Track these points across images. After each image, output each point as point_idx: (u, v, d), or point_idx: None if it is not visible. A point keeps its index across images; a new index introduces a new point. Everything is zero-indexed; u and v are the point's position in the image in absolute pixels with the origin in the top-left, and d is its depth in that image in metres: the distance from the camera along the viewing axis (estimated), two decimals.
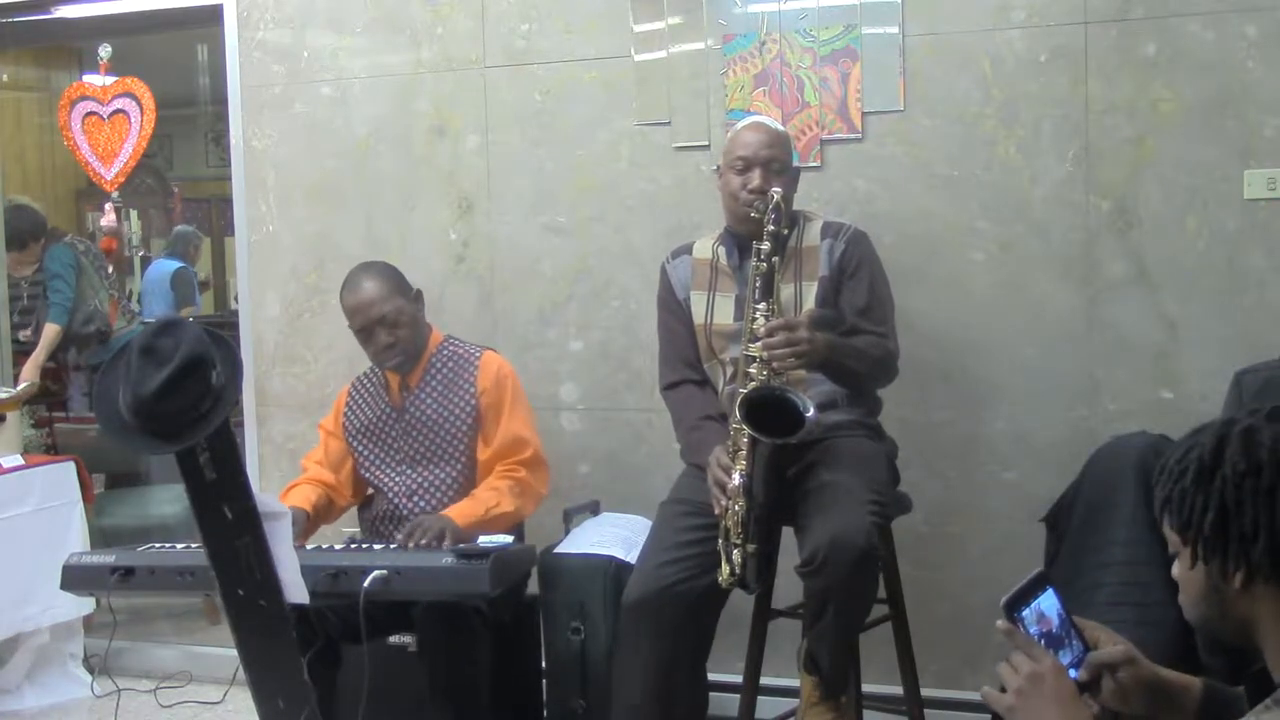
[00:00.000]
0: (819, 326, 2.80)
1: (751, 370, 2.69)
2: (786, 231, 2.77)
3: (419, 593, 2.76)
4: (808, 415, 2.56)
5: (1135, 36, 3.10)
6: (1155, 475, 1.52)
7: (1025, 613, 1.63)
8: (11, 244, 5.19)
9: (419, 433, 3.16)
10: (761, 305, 2.71)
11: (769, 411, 2.59)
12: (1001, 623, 1.61)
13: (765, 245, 2.72)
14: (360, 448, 3.22)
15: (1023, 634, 1.59)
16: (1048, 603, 1.65)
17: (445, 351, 3.23)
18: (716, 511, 2.65)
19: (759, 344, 2.66)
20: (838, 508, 2.57)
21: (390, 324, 3.12)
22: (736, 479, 2.62)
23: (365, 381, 3.29)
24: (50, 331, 5.16)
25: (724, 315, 2.89)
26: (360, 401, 3.26)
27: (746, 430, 2.60)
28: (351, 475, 3.26)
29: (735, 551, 2.61)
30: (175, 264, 7.09)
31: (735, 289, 2.89)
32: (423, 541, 2.87)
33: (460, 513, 2.99)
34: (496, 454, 3.13)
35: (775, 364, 2.65)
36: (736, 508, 2.61)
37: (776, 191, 2.75)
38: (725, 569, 2.62)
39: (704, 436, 2.82)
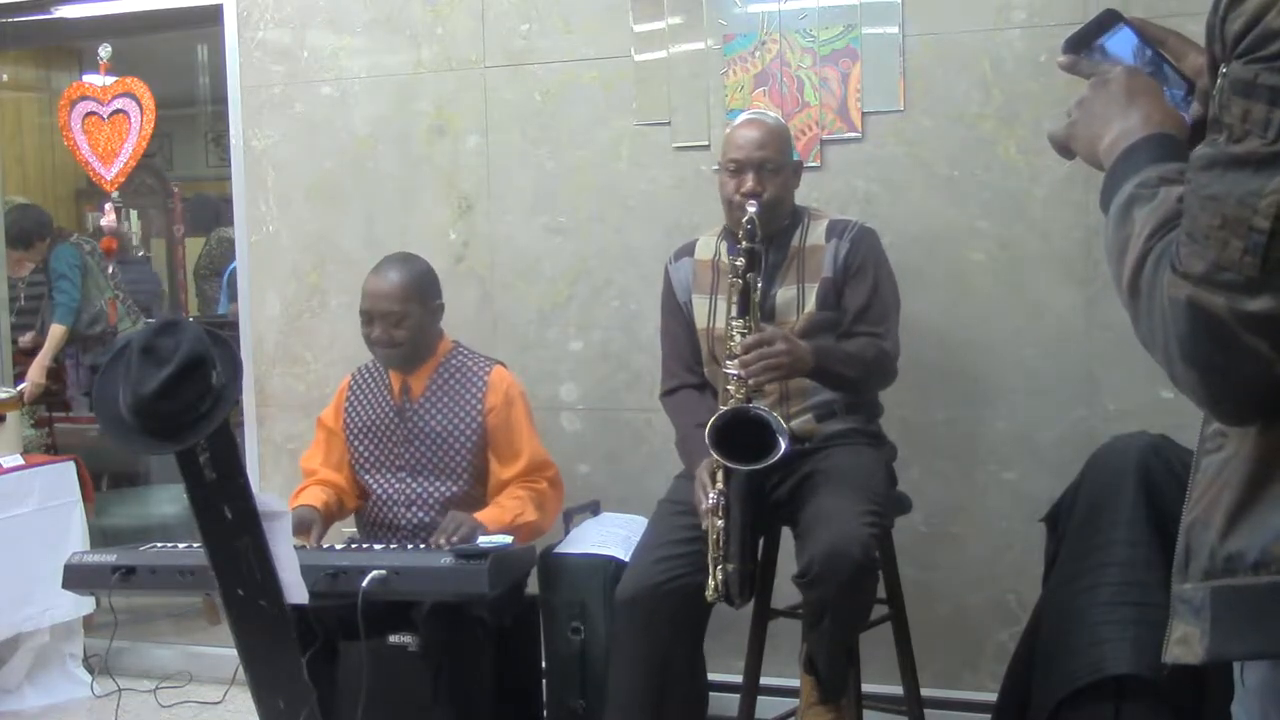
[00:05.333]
0: (813, 331, 2.79)
1: (730, 388, 2.66)
2: (761, 248, 2.72)
3: (418, 593, 2.76)
4: (780, 443, 2.53)
5: None
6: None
7: (1091, 52, 1.32)
8: (17, 243, 5.20)
9: (420, 441, 3.13)
10: (738, 322, 2.68)
11: (744, 432, 2.57)
12: (1062, 57, 1.34)
13: (740, 261, 2.69)
14: (359, 446, 3.20)
15: (1088, 61, 1.30)
16: (1121, 41, 1.31)
17: (453, 361, 3.19)
18: (703, 526, 2.65)
19: (736, 361, 2.64)
20: (834, 519, 2.56)
21: (391, 323, 3.09)
22: (713, 498, 2.61)
23: (367, 376, 3.26)
24: (56, 332, 5.17)
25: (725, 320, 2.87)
26: (361, 398, 3.24)
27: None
28: (353, 475, 3.25)
29: (717, 569, 2.61)
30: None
31: None
32: (454, 538, 2.88)
33: (487, 518, 2.99)
34: (522, 474, 3.12)
35: (752, 381, 2.63)
36: (717, 524, 2.60)
37: (752, 204, 2.72)
38: (710, 584, 2.62)
39: (695, 448, 2.80)
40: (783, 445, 2.53)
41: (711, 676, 3.19)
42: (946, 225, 3.28)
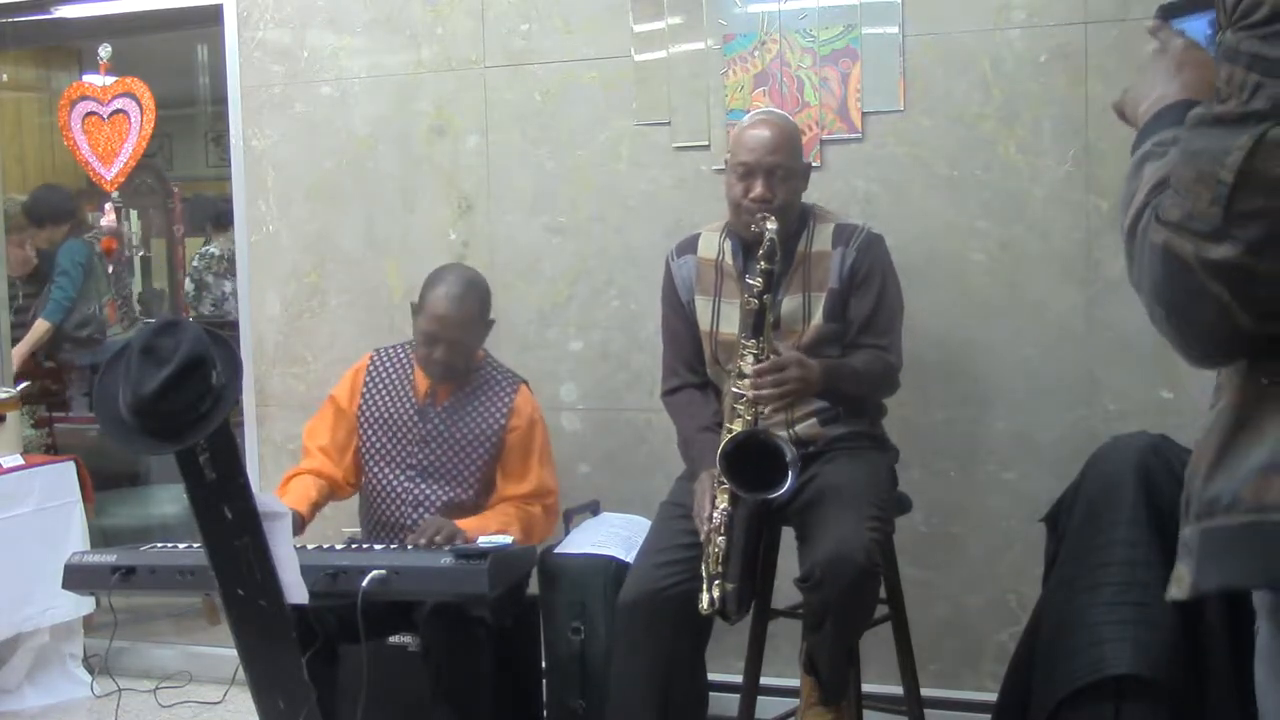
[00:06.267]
0: (820, 343, 2.78)
1: (739, 407, 2.65)
2: (779, 267, 2.68)
3: (418, 593, 2.76)
4: (789, 478, 2.51)
5: (1135, 36, 3.08)
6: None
7: (1173, 25, 1.40)
8: (30, 218, 5.21)
9: (436, 445, 3.12)
10: (751, 344, 2.65)
11: (754, 453, 2.55)
12: (1151, 21, 1.40)
13: (757, 282, 2.63)
14: (371, 436, 3.17)
15: (1166, 31, 1.38)
16: (1203, 23, 1.38)
17: (482, 373, 3.18)
18: (701, 538, 2.64)
19: (747, 382, 2.62)
20: (838, 523, 2.56)
21: (455, 349, 3.07)
22: (717, 517, 2.59)
23: (390, 365, 3.22)
24: (40, 327, 5.13)
25: (729, 324, 2.83)
26: (382, 388, 3.19)
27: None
28: (355, 461, 3.21)
29: (715, 585, 2.59)
30: None
31: (740, 295, 2.77)
32: (437, 539, 2.87)
33: (470, 526, 2.98)
34: (525, 496, 3.11)
35: (760, 404, 2.62)
36: (718, 540, 2.59)
37: (772, 224, 2.65)
38: (705, 598, 2.61)
39: (699, 453, 2.79)
40: (790, 481, 2.51)
41: (711, 676, 3.18)
42: (946, 225, 3.28)
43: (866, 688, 2.99)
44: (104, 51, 4.40)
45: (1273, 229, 1.11)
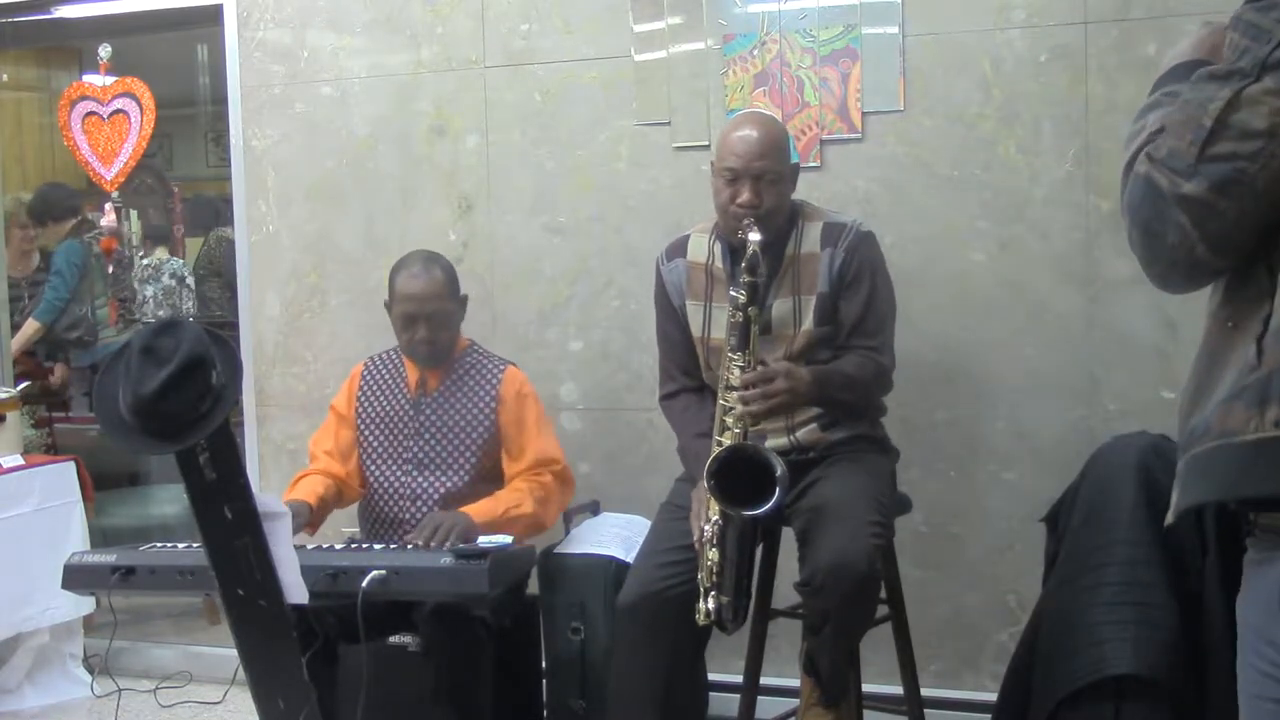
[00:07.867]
0: (812, 347, 2.77)
1: (728, 420, 2.63)
2: (764, 279, 2.64)
3: (418, 593, 2.76)
4: (776, 493, 2.47)
5: (1135, 36, 3.10)
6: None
7: None
8: (33, 215, 5.20)
9: (430, 435, 3.14)
10: (737, 356, 2.61)
11: (744, 466, 2.52)
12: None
13: (741, 294, 2.58)
14: (370, 437, 3.20)
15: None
16: None
17: (468, 359, 3.21)
18: (696, 548, 2.63)
19: (735, 395, 2.60)
20: (839, 529, 2.54)
21: (435, 324, 3.11)
22: (708, 530, 2.58)
23: (382, 366, 3.26)
24: (29, 327, 5.12)
25: (721, 329, 2.78)
26: (376, 388, 3.23)
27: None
28: (359, 464, 3.23)
29: (711, 596, 2.58)
30: None
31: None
32: (445, 542, 2.86)
33: (479, 510, 2.99)
34: (528, 469, 3.12)
35: (750, 418, 2.60)
36: (710, 553, 2.58)
37: (755, 235, 2.59)
38: (701, 609, 2.60)
39: (695, 460, 2.77)
40: (775, 499, 2.48)
41: (711, 676, 3.18)
42: (946, 225, 3.28)
43: (866, 688, 2.99)
44: (104, 51, 4.40)
45: (1235, 173, 1.29)
